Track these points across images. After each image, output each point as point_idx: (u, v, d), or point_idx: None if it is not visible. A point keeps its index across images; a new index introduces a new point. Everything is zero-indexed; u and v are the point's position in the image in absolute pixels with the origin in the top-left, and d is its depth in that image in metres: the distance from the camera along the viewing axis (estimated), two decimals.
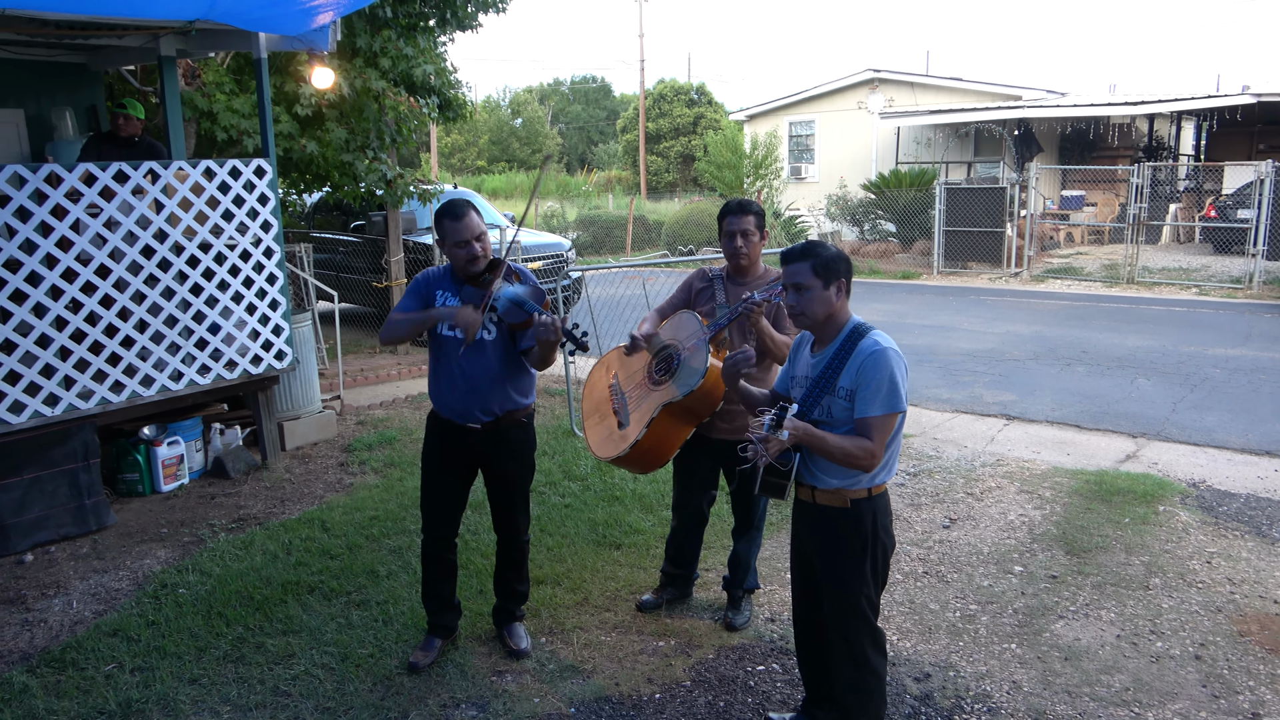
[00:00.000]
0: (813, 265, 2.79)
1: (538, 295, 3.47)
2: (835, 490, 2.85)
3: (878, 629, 2.96)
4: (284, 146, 7.56)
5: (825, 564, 2.94)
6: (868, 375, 2.72)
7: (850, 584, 2.88)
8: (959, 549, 4.81)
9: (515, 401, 3.64)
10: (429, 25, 8.73)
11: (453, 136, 45.74)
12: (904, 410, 2.76)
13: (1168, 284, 14.36)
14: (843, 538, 2.87)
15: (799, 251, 2.83)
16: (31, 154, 6.89)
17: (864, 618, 2.90)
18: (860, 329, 2.82)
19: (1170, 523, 5.07)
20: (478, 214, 3.50)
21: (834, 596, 2.93)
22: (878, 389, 2.71)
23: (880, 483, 2.87)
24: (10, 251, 4.85)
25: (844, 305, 2.85)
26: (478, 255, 3.48)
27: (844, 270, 2.82)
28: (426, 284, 3.66)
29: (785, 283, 2.86)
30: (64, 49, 6.69)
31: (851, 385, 2.76)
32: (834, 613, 2.94)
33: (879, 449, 2.73)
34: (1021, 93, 21.10)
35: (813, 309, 2.81)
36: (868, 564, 2.87)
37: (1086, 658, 3.76)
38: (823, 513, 2.90)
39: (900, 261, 18.07)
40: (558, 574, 4.52)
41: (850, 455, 2.72)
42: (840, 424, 2.79)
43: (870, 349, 2.75)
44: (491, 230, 11.40)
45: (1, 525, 4.89)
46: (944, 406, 7.62)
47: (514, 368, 3.61)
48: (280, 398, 6.61)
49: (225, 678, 3.66)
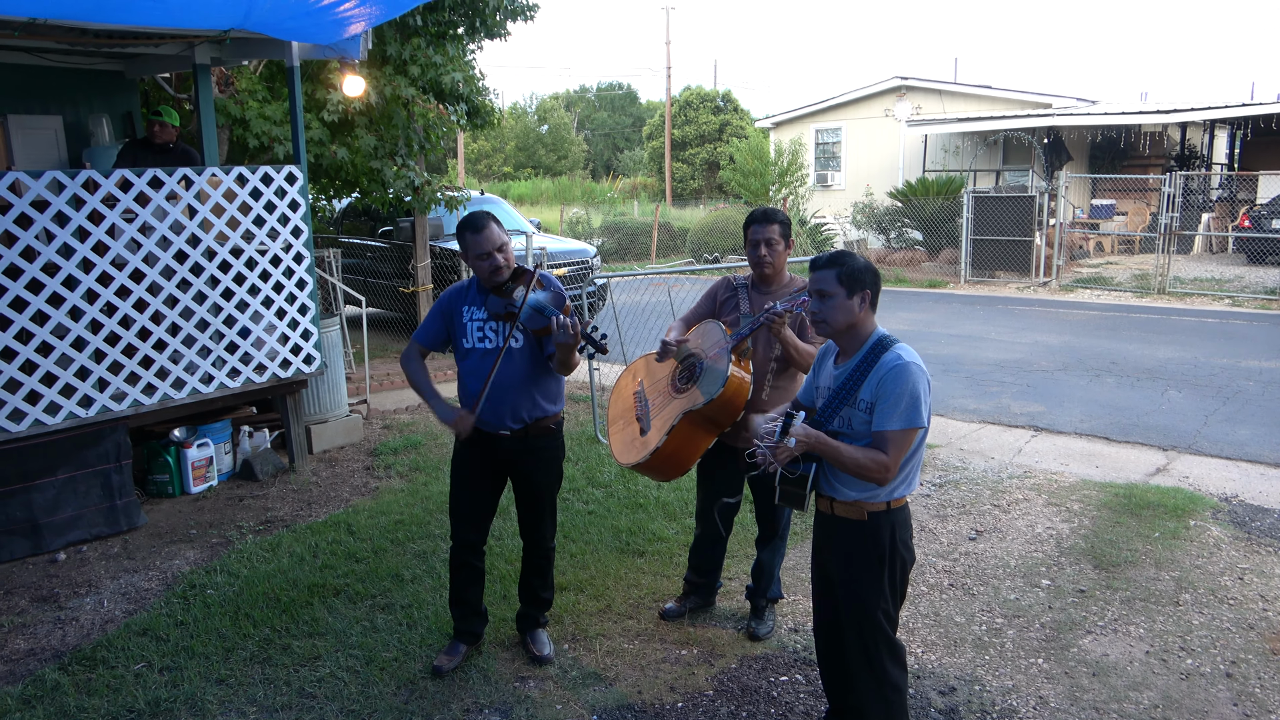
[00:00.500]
0: (838, 274, 2.79)
1: (558, 300, 3.50)
2: (853, 503, 2.84)
3: (896, 642, 2.95)
4: (314, 153, 7.66)
5: (843, 576, 2.93)
6: (888, 388, 2.71)
7: (867, 597, 2.87)
8: (985, 561, 4.77)
9: (544, 409, 3.66)
10: (458, 33, 8.80)
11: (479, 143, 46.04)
12: (924, 427, 2.74)
13: (1200, 295, 14.16)
14: (860, 550, 2.86)
15: (826, 259, 2.84)
16: (69, 160, 7.02)
17: (881, 630, 2.89)
18: (884, 342, 2.81)
19: (1201, 538, 5.00)
20: (498, 225, 3.52)
21: (851, 609, 2.92)
22: (897, 402, 2.70)
23: (899, 497, 2.85)
24: (49, 255, 4.94)
25: (868, 317, 2.84)
26: (500, 266, 3.50)
27: (870, 282, 2.81)
28: (450, 303, 3.68)
29: (810, 289, 2.86)
30: (102, 57, 6.83)
31: (871, 398, 2.75)
32: (852, 625, 2.93)
33: (893, 464, 2.71)
34: (1051, 100, 20.92)
35: (834, 317, 2.80)
36: (885, 577, 2.85)
37: (1115, 674, 3.71)
38: (841, 524, 2.89)
39: (927, 270, 17.96)
40: (581, 581, 4.53)
41: (862, 467, 2.72)
42: (859, 436, 2.78)
43: (893, 363, 2.73)
44: (517, 237, 11.47)
45: (35, 524, 4.98)
46: (971, 417, 7.56)
47: (542, 374, 3.63)
48: (308, 401, 6.68)
49: (252, 678, 3.70)
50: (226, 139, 7.50)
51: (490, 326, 3.59)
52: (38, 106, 6.90)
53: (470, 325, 3.62)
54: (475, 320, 3.61)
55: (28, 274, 4.86)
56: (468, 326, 3.62)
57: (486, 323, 3.59)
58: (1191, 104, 18.87)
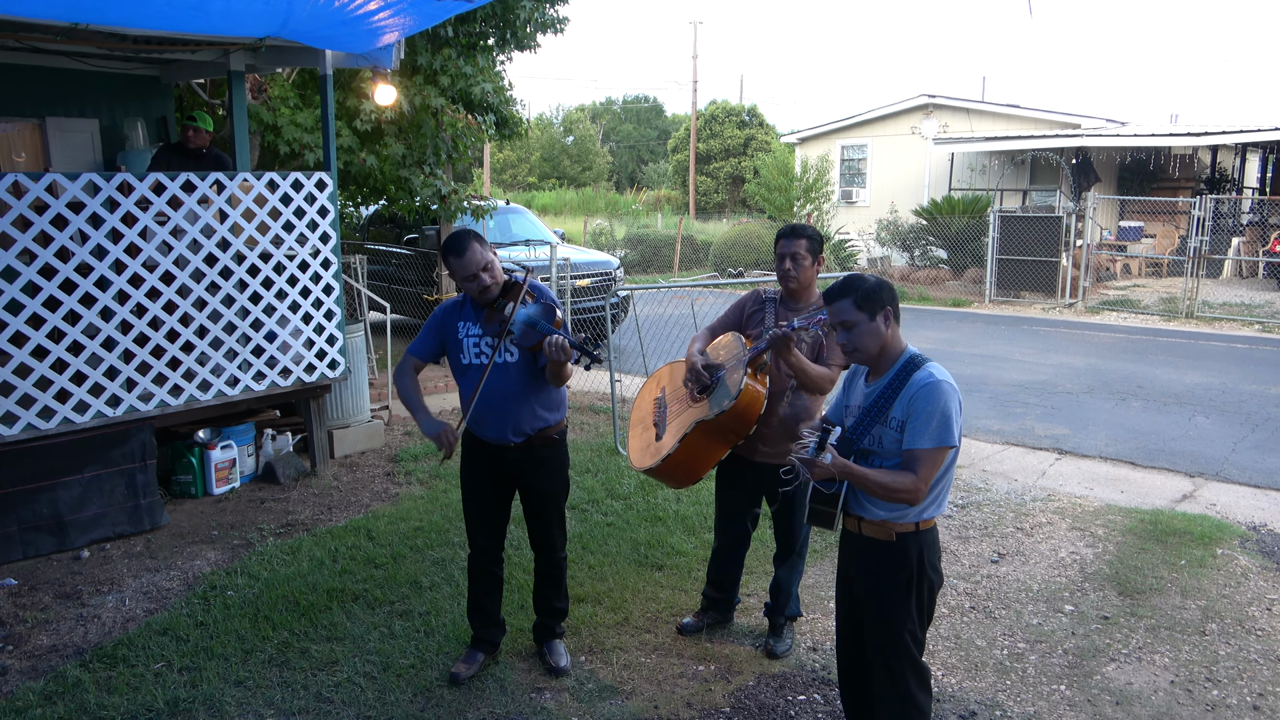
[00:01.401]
0: (855, 300, 2.76)
1: (549, 314, 3.47)
2: (881, 522, 2.81)
3: (922, 664, 2.91)
4: (344, 160, 7.74)
5: (870, 596, 2.90)
6: (919, 406, 2.69)
7: (895, 618, 2.84)
8: (1008, 585, 4.72)
9: (545, 419, 3.65)
10: (488, 44, 8.87)
11: (505, 153, 46.34)
12: (956, 446, 2.72)
13: (1229, 319, 13.98)
14: (887, 571, 2.83)
15: (838, 289, 2.80)
16: (104, 163, 7.13)
17: (908, 652, 2.85)
18: (915, 360, 2.79)
19: (1229, 567, 4.92)
20: (481, 244, 3.49)
21: (878, 630, 2.89)
22: (928, 421, 2.68)
23: (928, 518, 2.82)
24: (82, 256, 5.01)
25: (895, 334, 2.81)
26: (487, 285, 3.49)
27: (888, 298, 2.79)
28: (444, 318, 3.67)
29: (832, 322, 2.83)
30: (139, 62, 6.93)
31: (903, 416, 2.73)
32: (877, 647, 2.90)
33: (924, 483, 2.68)
34: (1080, 121, 20.77)
35: (864, 343, 2.78)
36: (913, 599, 2.83)
37: (1139, 703, 3.65)
38: (868, 544, 2.87)
39: (951, 289, 17.85)
40: (599, 593, 4.52)
41: (890, 489, 2.69)
42: (890, 454, 2.76)
43: (924, 381, 2.72)
44: (541, 247, 11.52)
45: (61, 521, 5.03)
46: (994, 438, 7.49)
47: (540, 386, 3.62)
48: (331, 406, 6.72)
49: (270, 681, 3.72)
50: (258, 145, 7.59)
51: (487, 342, 3.58)
52: (75, 109, 7.01)
53: (467, 341, 3.61)
54: (471, 336, 3.60)
55: (62, 274, 4.93)
56: (464, 343, 3.62)
57: (483, 338, 3.59)
58: (1223, 127, 18.68)
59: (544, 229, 13.07)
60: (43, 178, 4.86)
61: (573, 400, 8.53)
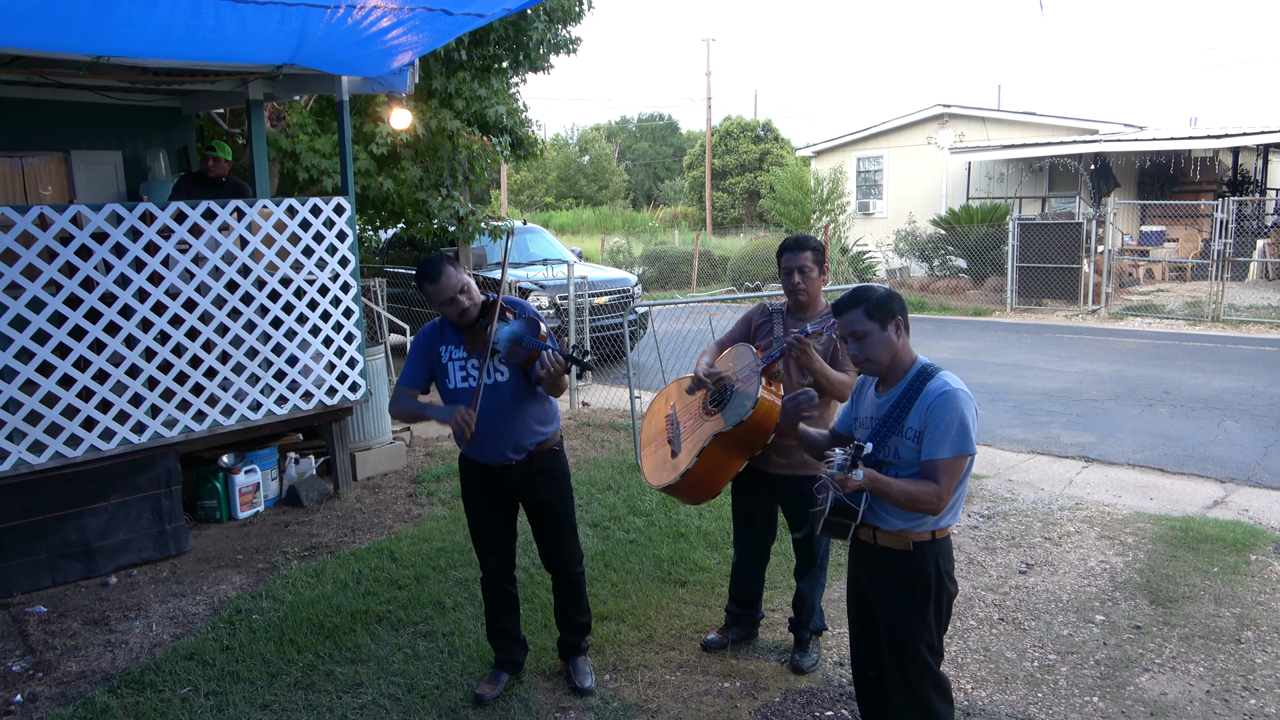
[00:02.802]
0: (865, 310, 2.75)
1: (534, 328, 3.45)
2: (899, 532, 2.78)
3: (940, 674, 2.87)
4: (361, 184, 7.82)
5: (886, 607, 2.87)
6: (937, 416, 2.67)
7: (912, 629, 2.80)
8: (1037, 595, 4.65)
9: (541, 433, 3.63)
10: (502, 67, 8.96)
11: (522, 174, 46.68)
12: (974, 453, 2.70)
13: (1256, 322, 13.79)
14: (905, 581, 2.80)
15: (848, 300, 2.79)
16: (127, 194, 7.25)
17: (926, 664, 2.81)
18: (928, 369, 2.77)
19: (1263, 573, 4.83)
20: (455, 266, 3.47)
21: (894, 642, 2.85)
22: (947, 430, 2.65)
23: (944, 526, 2.79)
24: (106, 285, 5.09)
25: (906, 344, 2.80)
26: (465, 308, 3.47)
27: (898, 308, 2.77)
28: (428, 342, 3.64)
29: (843, 333, 2.82)
30: (160, 94, 7.06)
31: (919, 426, 2.70)
32: (894, 658, 2.86)
33: (946, 492, 2.66)
34: (1098, 126, 20.65)
35: (876, 353, 2.76)
36: (930, 608, 2.79)
37: (1174, 714, 3.58)
38: (883, 554, 2.83)
39: (971, 298, 17.73)
40: (622, 610, 4.50)
41: (915, 499, 2.66)
42: (906, 465, 2.74)
43: (940, 389, 2.69)
44: (558, 265, 11.57)
45: (88, 548, 5.08)
46: (1019, 447, 7.41)
47: (533, 401, 3.59)
48: (353, 428, 6.76)
49: (295, 704, 3.72)
50: (277, 172, 7.69)
51: (472, 364, 3.55)
52: (99, 142, 7.15)
53: (452, 366, 3.58)
54: (456, 360, 3.57)
55: (87, 303, 5.01)
56: (449, 367, 3.58)
57: (468, 361, 3.55)
58: (1244, 128, 18.50)
59: (561, 248, 13.13)
60: (67, 209, 4.94)
61: (592, 417, 8.53)
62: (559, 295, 10.52)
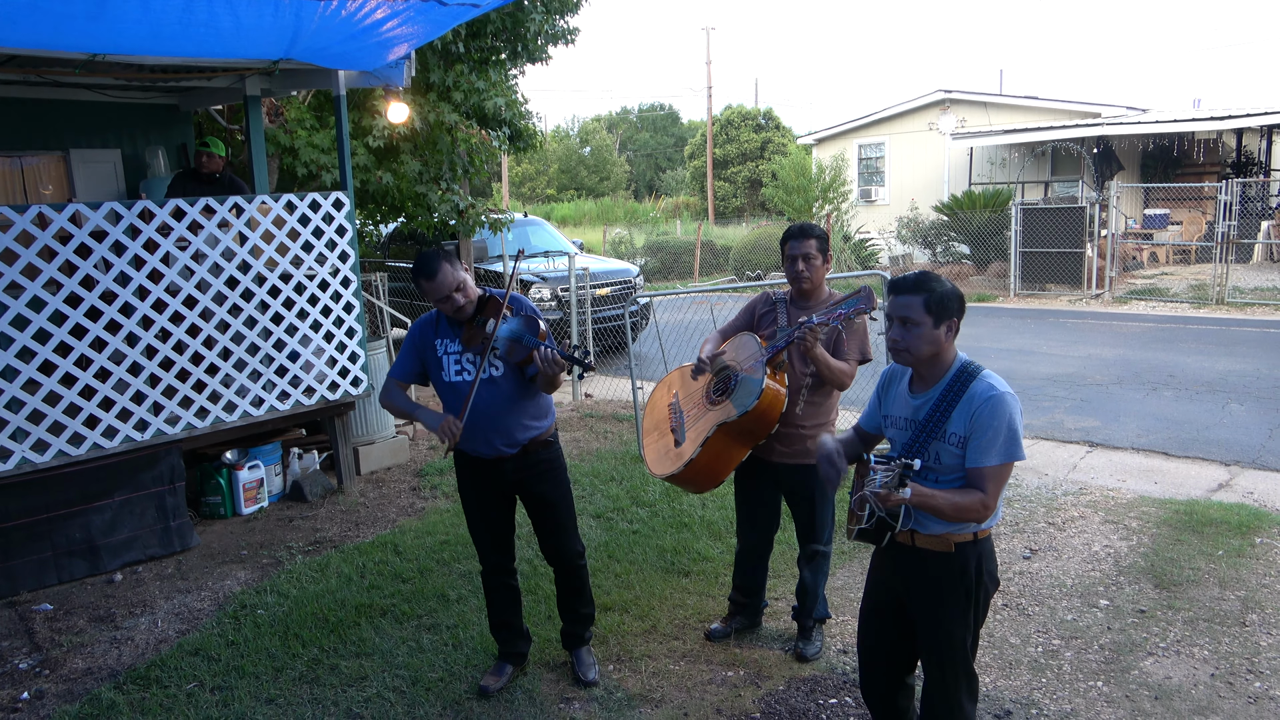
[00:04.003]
0: (925, 300, 2.56)
1: (533, 326, 3.44)
2: (941, 535, 2.67)
3: (974, 675, 2.80)
4: (361, 178, 7.81)
5: (924, 608, 2.76)
6: (984, 422, 2.53)
7: (954, 630, 2.71)
8: (1040, 581, 4.65)
9: (534, 428, 3.62)
10: (500, 59, 8.94)
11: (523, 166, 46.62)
12: (1023, 459, 2.59)
13: (1261, 304, 13.73)
14: (946, 582, 2.69)
15: (911, 283, 2.59)
16: (127, 192, 7.25)
17: (965, 662, 2.74)
18: (969, 369, 2.62)
19: (1268, 555, 4.81)
20: (451, 264, 3.44)
21: (933, 643, 2.76)
22: (995, 437, 2.53)
23: (986, 527, 2.69)
24: (106, 284, 5.09)
25: (951, 345, 2.64)
26: (461, 305, 3.45)
27: (957, 309, 2.60)
28: (421, 336, 3.62)
29: (892, 314, 2.63)
30: (157, 91, 7.05)
31: (964, 432, 2.57)
32: (933, 659, 2.77)
33: (993, 500, 2.54)
34: (1100, 110, 20.54)
35: (919, 347, 2.59)
36: (971, 609, 2.70)
37: (1179, 697, 3.58)
38: (922, 556, 2.71)
39: (975, 284, 17.68)
40: (626, 601, 4.50)
41: (963, 510, 2.55)
42: (948, 470, 2.62)
43: (986, 394, 2.55)
44: (559, 258, 11.56)
45: (93, 545, 5.10)
46: (1024, 432, 7.38)
47: (527, 397, 3.58)
48: (356, 423, 6.77)
49: (300, 698, 3.73)
50: (276, 168, 7.68)
51: (468, 359, 3.53)
52: (97, 140, 7.14)
53: (447, 359, 3.56)
54: (451, 354, 3.55)
55: (87, 302, 5.02)
56: (444, 360, 3.56)
57: (463, 355, 3.54)
58: (1247, 109, 18.39)
59: (562, 240, 13.11)
60: (66, 208, 4.95)
61: (595, 409, 8.53)
62: (560, 287, 10.51)
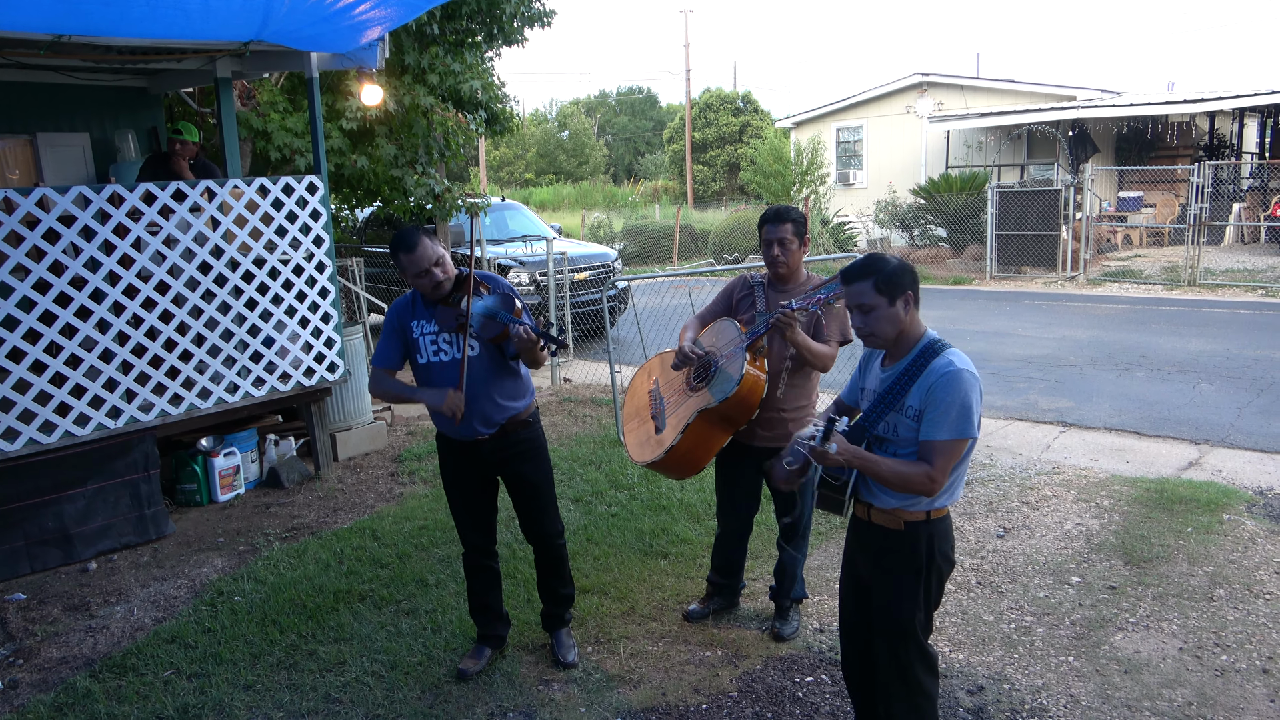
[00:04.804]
0: (875, 283, 2.61)
1: (508, 303, 3.43)
2: (892, 510, 2.72)
3: (929, 650, 2.85)
4: (335, 162, 7.73)
5: (878, 585, 2.83)
6: (938, 397, 2.58)
7: (903, 606, 2.76)
8: (1014, 559, 4.71)
9: (512, 408, 3.62)
10: (476, 41, 8.85)
11: (501, 150, 46.30)
12: (975, 437, 2.62)
13: (1232, 286, 13.92)
14: (896, 559, 2.76)
15: (858, 269, 2.65)
16: (96, 175, 7.14)
17: (915, 640, 2.79)
18: (934, 346, 2.66)
19: (1236, 532, 4.90)
20: (431, 239, 3.43)
21: (885, 618, 2.82)
22: (946, 412, 2.57)
23: (941, 506, 2.72)
24: (75, 269, 5.02)
25: (914, 319, 2.69)
26: (439, 280, 3.43)
27: (909, 282, 2.65)
28: (399, 318, 3.60)
29: (849, 304, 2.70)
30: (127, 74, 6.93)
31: (920, 405, 2.62)
32: (884, 634, 2.83)
33: (940, 475, 2.58)
34: (1076, 93, 20.68)
35: (881, 329, 2.65)
36: (920, 588, 2.75)
37: (1147, 671, 3.64)
38: (877, 531, 2.78)
39: (951, 267, 17.80)
40: (604, 583, 4.52)
41: (907, 480, 2.60)
42: (905, 443, 2.67)
43: (944, 369, 2.59)
44: (537, 242, 11.52)
45: (67, 534, 5.05)
46: (998, 414, 7.47)
47: (505, 376, 3.58)
48: (332, 409, 6.73)
49: (278, 684, 3.73)
50: (249, 151, 7.58)
51: (444, 339, 3.52)
52: (66, 124, 7.02)
53: (423, 340, 3.54)
54: (427, 334, 3.54)
55: (56, 288, 4.94)
56: (420, 342, 3.55)
57: (439, 335, 3.52)
58: (1220, 93, 18.57)
59: (540, 224, 13.05)
60: (33, 192, 4.87)
61: (574, 393, 8.53)
62: (539, 271, 10.48)
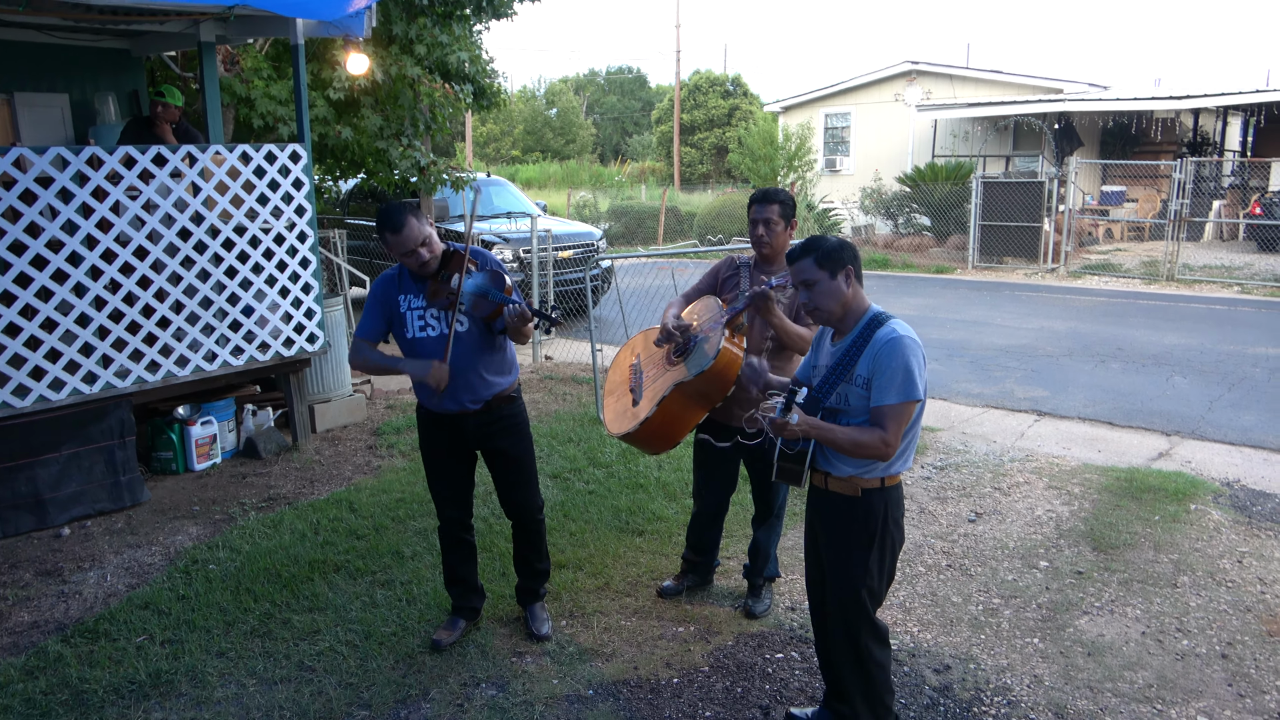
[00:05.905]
0: (815, 258, 2.76)
1: (499, 280, 3.44)
2: (848, 478, 2.83)
3: (878, 622, 2.94)
4: (319, 132, 7.65)
5: (832, 552, 2.93)
6: (884, 363, 2.70)
7: (854, 574, 2.86)
8: (984, 543, 4.78)
9: (499, 384, 3.63)
10: (465, 13, 8.76)
11: (488, 126, 45.98)
12: (921, 399, 2.73)
13: (1209, 281, 14.08)
14: (852, 527, 2.86)
15: (799, 249, 2.81)
16: (75, 137, 7.04)
17: (864, 609, 2.88)
18: (879, 318, 2.80)
19: (1201, 521, 4.99)
20: (417, 218, 3.40)
21: (837, 586, 2.92)
22: (893, 377, 2.68)
23: (894, 473, 2.84)
24: (52, 232, 4.96)
25: (857, 293, 2.82)
26: (426, 260, 3.42)
27: (849, 257, 2.79)
28: (385, 291, 3.58)
29: (795, 281, 2.84)
30: (108, 35, 6.83)
31: (868, 373, 2.74)
32: (836, 602, 2.93)
33: (894, 438, 2.70)
34: (1063, 85, 20.75)
35: (825, 302, 2.79)
36: (874, 556, 2.85)
37: (1110, 653, 3.72)
38: (834, 500, 2.89)
39: (934, 256, 17.88)
40: (580, 559, 4.55)
41: (862, 445, 2.71)
42: (856, 412, 2.78)
43: (887, 337, 2.72)
44: (522, 219, 11.46)
45: (40, 499, 5.02)
46: (974, 401, 7.55)
47: (491, 352, 3.59)
48: (311, 380, 6.71)
49: (252, 651, 3.74)
50: (232, 118, 7.49)
51: (431, 314, 3.52)
52: (45, 84, 6.91)
53: (410, 315, 3.54)
54: (415, 309, 3.53)
55: (32, 250, 4.89)
56: (407, 317, 3.54)
57: (427, 310, 3.52)
58: (1205, 90, 18.69)
59: (526, 201, 12.99)
60: (9, 152, 4.80)
61: (554, 371, 8.53)
62: (523, 248, 10.44)
